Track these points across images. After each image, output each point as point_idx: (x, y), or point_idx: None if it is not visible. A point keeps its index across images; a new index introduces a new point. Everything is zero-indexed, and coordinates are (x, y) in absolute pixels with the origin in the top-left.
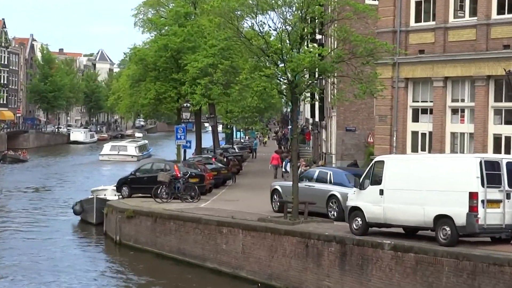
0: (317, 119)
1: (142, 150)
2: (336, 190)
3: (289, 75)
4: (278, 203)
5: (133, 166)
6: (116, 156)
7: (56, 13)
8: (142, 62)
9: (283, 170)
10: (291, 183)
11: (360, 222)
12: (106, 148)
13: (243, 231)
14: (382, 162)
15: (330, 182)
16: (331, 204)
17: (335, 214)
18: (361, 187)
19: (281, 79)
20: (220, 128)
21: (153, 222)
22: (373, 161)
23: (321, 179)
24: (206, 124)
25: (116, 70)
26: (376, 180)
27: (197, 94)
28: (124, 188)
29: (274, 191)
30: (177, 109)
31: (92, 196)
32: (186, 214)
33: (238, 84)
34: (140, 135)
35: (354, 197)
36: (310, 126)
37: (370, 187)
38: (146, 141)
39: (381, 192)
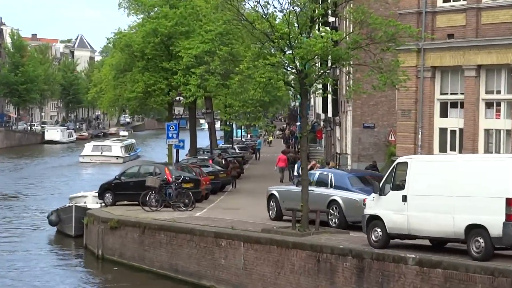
0: (330, 114)
1: (129, 150)
2: (337, 195)
3: (298, 64)
4: (275, 210)
5: (118, 169)
6: (99, 157)
7: None
8: (127, 50)
9: (295, 174)
10: (290, 187)
11: (380, 233)
12: (88, 148)
13: (244, 244)
14: (405, 164)
15: (331, 186)
16: (331, 211)
17: (336, 222)
18: (381, 192)
19: (289, 68)
20: (218, 125)
21: (141, 234)
22: (394, 163)
23: (321, 183)
24: (202, 121)
25: (97, 58)
26: (398, 184)
27: (191, 86)
28: (107, 194)
29: (271, 197)
30: (168, 103)
31: (70, 204)
32: (179, 225)
33: (238, 74)
34: (126, 133)
35: (373, 204)
36: (322, 123)
37: (392, 193)
38: (133, 141)
39: (404, 198)
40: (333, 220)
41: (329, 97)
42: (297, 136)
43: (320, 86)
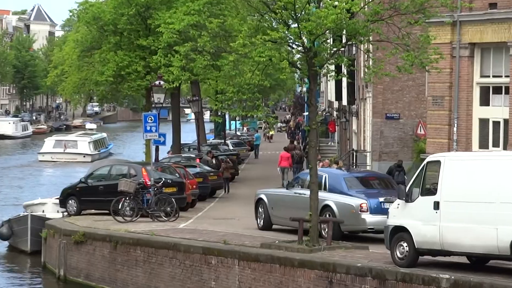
0: (344, 102)
1: (99, 146)
2: (331, 199)
3: (305, 40)
4: (263, 217)
5: (85, 169)
6: (62, 155)
7: None
8: (96, 23)
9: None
10: (281, 190)
11: (407, 249)
12: (48, 144)
13: (240, 262)
14: (437, 163)
15: (325, 188)
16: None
17: (324, 234)
18: (408, 198)
19: (294, 46)
20: (207, 116)
21: (112, 250)
22: (424, 162)
23: (328, 185)
24: (188, 111)
25: (58, 34)
26: (429, 188)
27: (174, 68)
28: (70, 201)
29: (259, 202)
30: (145, 89)
31: (25, 214)
32: (159, 238)
33: (232, 53)
34: (93, 126)
35: (398, 213)
36: (335, 113)
37: (421, 199)
38: (104, 135)
39: (436, 205)
40: (326, 230)
41: (344, 81)
42: (304, 129)
43: (332, 67)
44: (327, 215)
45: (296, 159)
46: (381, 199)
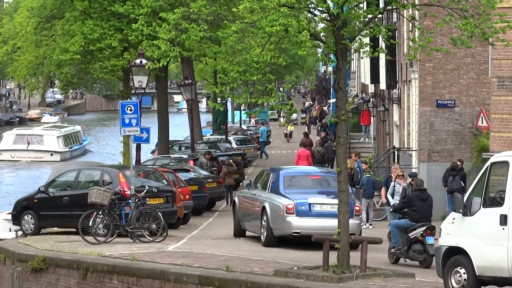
0: (383, 86)
1: (71, 142)
2: (268, 200)
3: (331, 5)
4: (234, 224)
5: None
6: (25, 152)
7: None
8: None
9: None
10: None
11: (465, 276)
12: (7, 139)
13: None
14: (504, 164)
15: (268, 188)
16: (263, 222)
17: (262, 240)
18: (466, 211)
19: (317, 12)
20: (203, 105)
21: (81, 279)
22: (487, 164)
23: (265, 184)
24: (178, 98)
25: None
26: (494, 198)
27: (160, 41)
28: (26, 217)
29: (234, 206)
30: (123, 70)
31: None
32: (142, 265)
33: (236, 22)
34: (54, 119)
35: (454, 230)
36: (370, 100)
37: (483, 211)
38: (78, 127)
39: (504, 220)
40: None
41: (382, 58)
42: (328, 120)
43: (367, 40)
44: (264, 219)
45: (318, 157)
46: (311, 200)
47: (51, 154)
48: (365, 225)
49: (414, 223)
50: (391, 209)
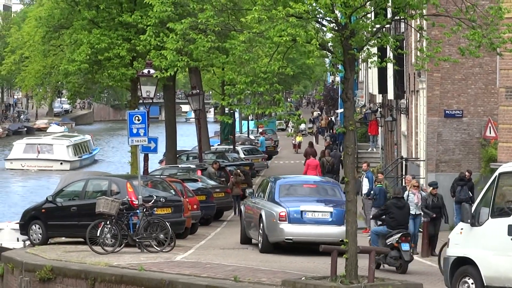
0: (390, 96)
1: (81, 151)
2: (265, 208)
3: (339, 15)
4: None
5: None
6: (35, 161)
7: None
8: None
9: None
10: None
11: (473, 287)
12: (18, 148)
13: None
14: None
15: (267, 197)
16: (260, 231)
17: (259, 246)
18: (474, 221)
19: (325, 22)
20: (210, 115)
21: None
22: (496, 174)
23: (268, 193)
24: (185, 108)
25: (17, 8)
26: (502, 208)
27: (168, 51)
28: (34, 226)
29: (240, 214)
30: (131, 79)
31: None
32: (149, 275)
33: (244, 32)
34: (60, 129)
35: (462, 241)
36: (378, 109)
37: (491, 222)
38: (88, 137)
39: None
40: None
41: (390, 68)
42: (337, 130)
43: (374, 50)
44: (261, 226)
45: (328, 167)
46: (303, 208)
47: (61, 163)
48: None
49: (391, 230)
50: (371, 217)
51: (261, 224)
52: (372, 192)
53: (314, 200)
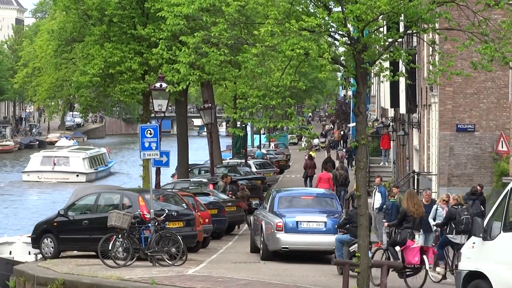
0: (403, 110)
1: (97, 163)
2: (265, 218)
3: (352, 29)
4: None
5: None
6: (52, 174)
7: None
8: (77, 7)
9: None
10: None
11: None
12: (35, 160)
13: None
14: None
15: (268, 208)
16: (261, 239)
17: (261, 254)
18: (486, 235)
19: (337, 36)
20: (222, 129)
21: None
22: (508, 188)
23: (269, 204)
24: (197, 122)
25: (29, 21)
26: None
27: (180, 65)
28: (46, 240)
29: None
30: (143, 93)
31: None
32: None
33: (256, 46)
34: (70, 142)
35: (474, 255)
36: (390, 124)
37: (504, 236)
38: (104, 150)
39: None
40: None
41: (402, 82)
42: (350, 143)
43: (387, 64)
44: (262, 235)
45: (341, 180)
46: (298, 218)
47: (77, 175)
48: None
49: (353, 238)
50: (386, 228)
51: (262, 234)
52: (384, 206)
53: (309, 211)
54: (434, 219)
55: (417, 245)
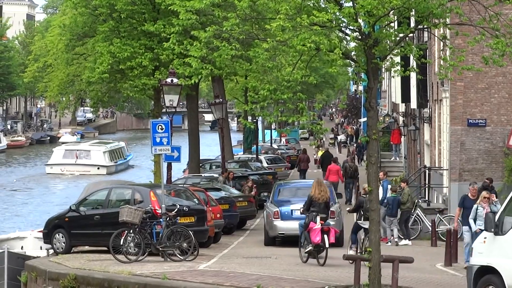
0: (414, 105)
1: (116, 157)
2: (267, 209)
3: (363, 24)
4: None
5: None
6: (74, 166)
7: None
8: (87, 4)
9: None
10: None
11: None
12: (57, 154)
13: None
14: None
15: (271, 199)
16: (264, 227)
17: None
18: (498, 230)
19: (348, 31)
20: (234, 123)
21: None
22: None
23: (272, 195)
24: (209, 117)
25: (40, 17)
26: None
27: (192, 59)
28: (57, 235)
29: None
30: (154, 89)
31: (0, 250)
32: (173, 283)
33: (268, 41)
34: (73, 138)
35: (485, 250)
36: (400, 119)
37: None
38: (123, 143)
39: None
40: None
41: (413, 77)
42: (360, 139)
43: (398, 59)
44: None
45: (350, 172)
46: (293, 207)
47: (98, 168)
48: (389, 242)
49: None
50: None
51: (264, 221)
52: (385, 201)
53: (305, 200)
54: (475, 221)
55: (318, 227)
